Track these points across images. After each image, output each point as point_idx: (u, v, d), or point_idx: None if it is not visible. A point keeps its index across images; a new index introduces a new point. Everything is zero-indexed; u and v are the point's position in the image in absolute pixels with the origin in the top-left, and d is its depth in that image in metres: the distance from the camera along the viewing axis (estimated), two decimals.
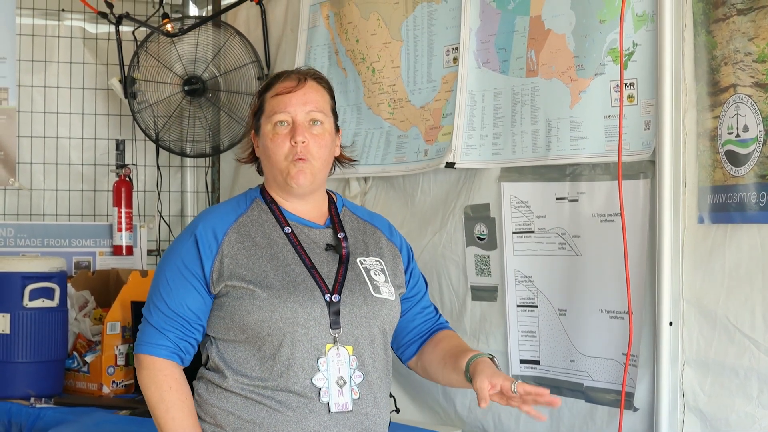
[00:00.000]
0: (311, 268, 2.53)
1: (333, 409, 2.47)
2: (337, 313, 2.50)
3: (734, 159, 2.82)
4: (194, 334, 2.55)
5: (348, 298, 2.52)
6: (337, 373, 2.48)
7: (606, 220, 3.21)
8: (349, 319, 2.51)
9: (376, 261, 2.65)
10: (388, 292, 2.60)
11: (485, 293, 3.59)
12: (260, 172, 2.71)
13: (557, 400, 2.46)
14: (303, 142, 2.55)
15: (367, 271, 2.61)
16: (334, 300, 2.50)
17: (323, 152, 2.59)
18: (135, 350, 2.57)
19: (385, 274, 2.63)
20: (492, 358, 2.56)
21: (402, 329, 2.73)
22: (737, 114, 2.80)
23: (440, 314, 2.83)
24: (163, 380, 2.51)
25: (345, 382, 2.48)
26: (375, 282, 2.59)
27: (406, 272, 2.73)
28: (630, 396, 3.10)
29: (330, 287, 2.52)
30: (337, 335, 2.49)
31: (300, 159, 2.55)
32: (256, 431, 2.47)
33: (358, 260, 2.61)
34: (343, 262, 2.58)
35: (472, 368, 2.53)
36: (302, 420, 2.46)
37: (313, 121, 2.58)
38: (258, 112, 2.64)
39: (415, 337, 2.76)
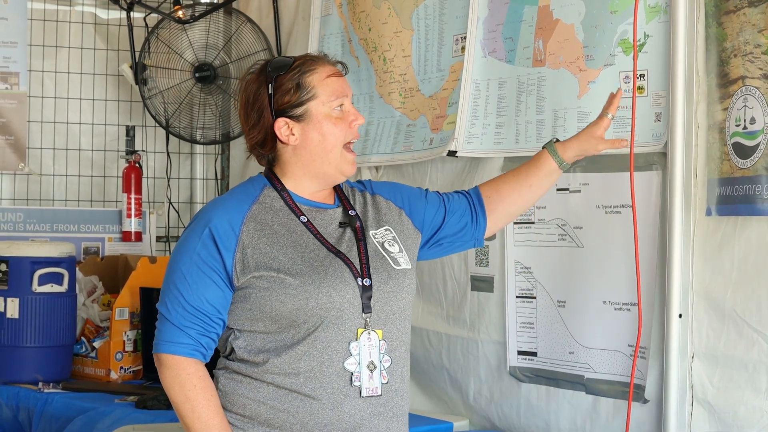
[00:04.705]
0: (337, 253, 2.50)
1: (364, 393, 2.45)
2: (370, 297, 2.47)
3: (741, 151, 2.81)
4: (215, 329, 2.49)
5: (374, 276, 2.50)
6: (368, 357, 2.46)
7: (611, 212, 3.20)
8: (378, 297, 2.49)
9: (386, 230, 2.62)
10: (405, 261, 2.58)
11: (483, 283, 3.59)
12: (270, 160, 2.59)
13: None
14: (360, 123, 2.55)
15: (381, 244, 2.58)
16: (365, 284, 2.48)
17: None
18: (154, 350, 2.49)
19: (397, 242, 2.61)
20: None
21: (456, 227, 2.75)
22: (745, 106, 2.80)
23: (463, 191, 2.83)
24: (186, 379, 2.45)
25: (375, 367, 2.46)
26: (392, 254, 2.57)
27: (414, 218, 2.69)
28: (640, 388, 3.10)
29: (358, 269, 2.49)
30: (368, 319, 2.47)
31: (351, 150, 2.55)
32: (291, 420, 2.43)
33: (370, 234, 2.59)
34: (360, 239, 2.55)
35: (558, 144, 2.74)
36: (337, 406, 2.43)
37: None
38: (301, 97, 2.51)
39: (476, 210, 2.77)
